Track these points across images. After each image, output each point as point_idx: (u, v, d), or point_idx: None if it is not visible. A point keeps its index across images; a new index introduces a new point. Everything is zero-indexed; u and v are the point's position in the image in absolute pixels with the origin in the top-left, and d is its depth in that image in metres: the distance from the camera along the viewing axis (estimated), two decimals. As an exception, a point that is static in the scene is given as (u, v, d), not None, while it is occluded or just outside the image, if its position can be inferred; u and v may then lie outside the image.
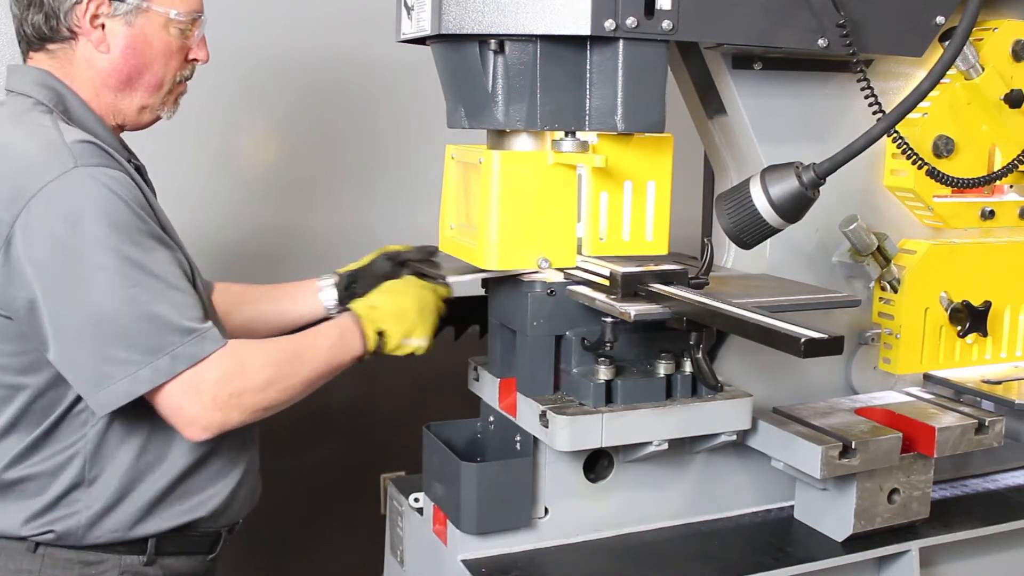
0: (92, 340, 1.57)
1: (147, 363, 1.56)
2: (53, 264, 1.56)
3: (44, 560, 1.69)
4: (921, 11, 1.95)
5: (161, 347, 1.57)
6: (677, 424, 1.84)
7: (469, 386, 2.10)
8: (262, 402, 1.67)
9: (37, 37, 1.73)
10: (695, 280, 1.80)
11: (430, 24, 1.73)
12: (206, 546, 1.84)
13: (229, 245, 2.91)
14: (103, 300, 1.55)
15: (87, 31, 1.70)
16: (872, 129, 1.71)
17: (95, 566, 1.71)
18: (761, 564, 1.87)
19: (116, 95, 1.75)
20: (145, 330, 1.56)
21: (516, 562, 1.86)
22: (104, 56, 1.72)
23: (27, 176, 1.56)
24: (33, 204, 1.55)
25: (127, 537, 1.72)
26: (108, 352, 1.56)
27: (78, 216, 1.55)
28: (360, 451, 3.14)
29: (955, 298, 2.15)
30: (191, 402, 1.60)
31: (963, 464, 2.29)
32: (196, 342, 1.59)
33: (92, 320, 1.56)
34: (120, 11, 1.70)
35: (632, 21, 1.69)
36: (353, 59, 2.99)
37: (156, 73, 1.76)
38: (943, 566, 2.06)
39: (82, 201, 1.55)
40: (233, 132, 2.93)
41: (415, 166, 3.06)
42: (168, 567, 1.78)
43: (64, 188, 1.55)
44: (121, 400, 1.58)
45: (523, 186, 1.78)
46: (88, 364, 1.58)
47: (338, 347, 1.80)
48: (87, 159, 1.59)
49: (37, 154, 1.59)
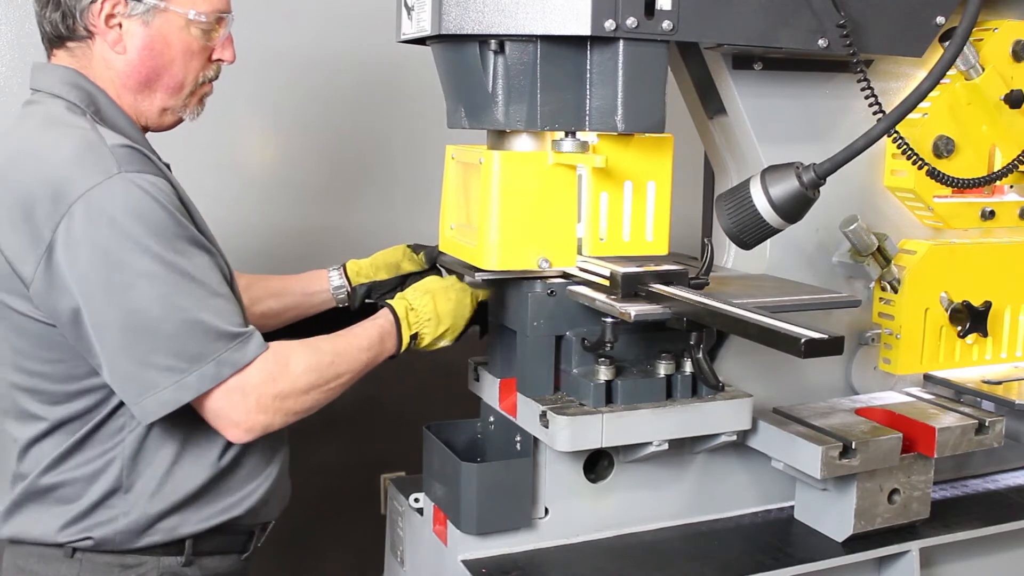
0: (136, 348, 1.55)
1: (193, 370, 1.56)
2: (96, 271, 1.54)
3: (82, 565, 1.68)
4: (921, 11, 1.95)
5: (206, 353, 1.56)
6: (677, 424, 1.84)
7: (469, 386, 2.10)
8: (304, 404, 1.67)
9: (56, 35, 1.71)
10: (695, 280, 1.80)
11: (430, 24, 1.73)
12: (240, 544, 1.83)
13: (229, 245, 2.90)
14: (147, 307, 1.54)
15: (103, 31, 1.68)
16: (872, 129, 1.71)
17: (134, 569, 1.70)
18: (761, 564, 1.87)
19: (136, 96, 1.73)
20: (190, 337, 1.56)
21: (516, 562, 1.86)
22: (121, 57, 1.69)
23: (69, 181, 1.54)
24: (76, 209, 1.53)
25: (166, 539, 1.71)
26: (153, 360, 1.55)
27: (121, 223, 1.53)
28: (360, 451, 3.14)
29: (955, 298, 2.15)
30: (236, 406, 1.60)
31: (963, 464, 2.30)
32: (240, 347, 1.59)
33: (136, 328, 1.55)
34: (137, 11, 1.67)
35: (632, 21, 1.69)
36: (354, 59, 2.98)
37: (176, 74, 1.73)
38: (943, 566, 2.06)
39: (125, 207, 1.54)
40: (232, 132, 2.92)
41: (415, 166, 3.06)
42: (205, 567, 1.77)
43: (107, 194, 1.53)
44: (168, 408, 1.57)
45: (523, 186, 1.78)
46: (133, 372, 1.57)
47: (376, 348, 1.80)
48: (129, 164, 1.57)
49: (79, 158, 1.56)
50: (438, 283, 1.92)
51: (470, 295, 1.92)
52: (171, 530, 1.71)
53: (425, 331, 1.85)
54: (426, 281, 1.93)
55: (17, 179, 1.58)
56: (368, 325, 1.82)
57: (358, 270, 2.14)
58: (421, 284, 1.92)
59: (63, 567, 1.68)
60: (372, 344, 1.79)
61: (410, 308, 1.85)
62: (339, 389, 1.73)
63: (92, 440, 1.67)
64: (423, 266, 2.14)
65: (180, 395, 1.57)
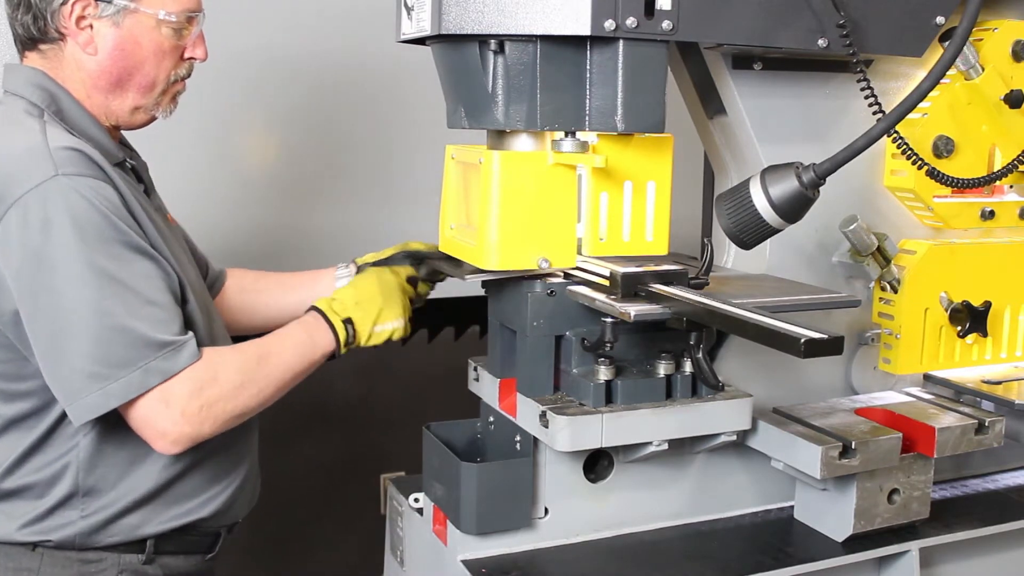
0: (64, 352, 1.56)
1: (119, 377, 1.55)
2: (28, 273, 1.55)
3: (43, 559, 1.70)
4: (921, 11, 1.95)
5: (132, 361, 1.55)
6: (677, 424, 1.84)
7: (469, 386, 2.10)
8: (234, 409, 1.66)
9: (28, 37, 1.72)
10: (695, 280, 1.80)
11: (430, 24, 1.73)
12: (205, 546, 1.84)
13: (228, 245, 2.90)
14: (74, 312, 1.54)
15: (74, 32, 1.69)
16: (872, 129, 1.71)
17: (94, 564, 1.72)
18: (761, 564, 1.87)
19: (107, 96, 1.74)
20: (116, 343, 1.55)
21: (516, 562, 1.86)
22: (92, 58, 1.70)
23: (8, 183, 1.56)
24: (12, 212, 1.54)
25: (127, 539, 1.72)
26: (79, 365, 1.55)
27: (53, 226, 1.54)
28: (360, 451, 3.14)
29: (955, 298, 2.15)
30: (161, 416, 1.59)
31: (963, 464, 2.29)
32: (170, 355, 1.58)
33: (64, 332, 1.55)
34: (107, 12, 1.69)
35: (632, 21, 1.69)
36: (353, 59, 2.99)
37: (147, 74, 1.74)
38: (943, 566, 2.06)
39: (58, 211, 1.54)
40: (232, 132, 2.93)
41: (415, 166, 3.06)
42: (167, 566, 1.78)
43: (42, 196, 1.54)
44: (93, 413, 1.57)
45: (523, 186, 1.78)
46: (62, 375, 1.57)
47: (307, 345, 1.78)
48: (69, 167, 1.57)
49: (19, 161, 1.58)
50: (359, 275, 1.95)
51: (393, 273, 1.92)
52: (132, 529, 1.72)
53: (354, 314, 1.84)
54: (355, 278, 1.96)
55: None
56: (294, 323, 1.83)
57: (364, 259, 2.14)
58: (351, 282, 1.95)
59: (24, 559, 1.70)
60: (301, 340, 1.78)
61: (332, 299, 1.86)
62: (273, 391, 1.72)
63: (47, 444, 1.68)
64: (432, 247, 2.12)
65: (105, 401, 1.56)
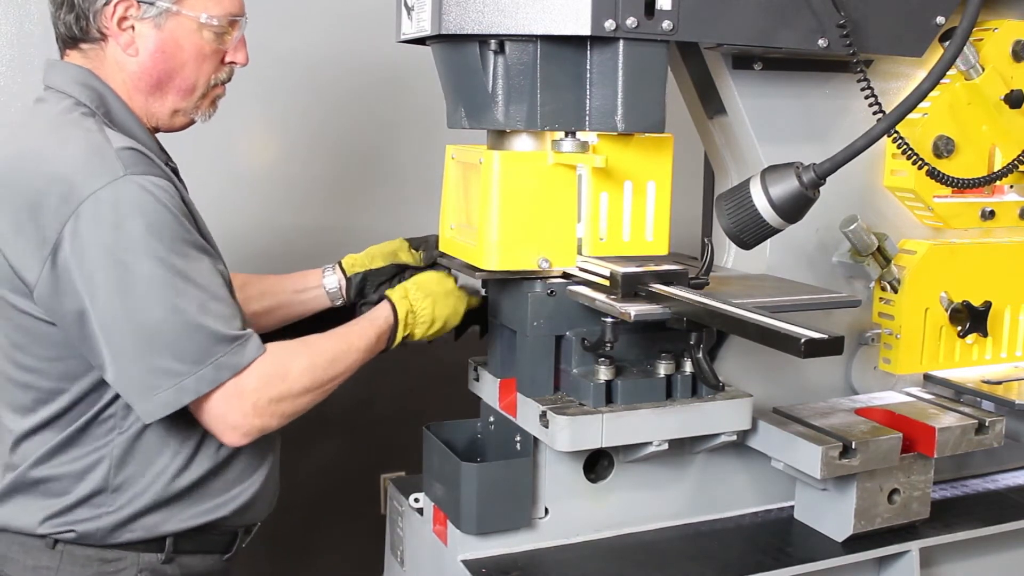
0: (138, 350, 1.57)
1: (192, 373, 1.57)
2: (101, 272, 1.55)
3: (63, 557, 1.70)
4: (921, 11, 1.95)
5: (205, 357, 1.58)
6: (677, 424, 1.84)
7: (469, 386, 2.10)
8: (300, 407, 1.69)
9: (69, 36, 1.72)
10: (695, 280, 1.80)
11: (430, 24, 1.73)
12: (223, 545, 1.84)
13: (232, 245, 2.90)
14: (149, 310, 1.56)
15: (115, 33, 1.69)
16: (872, 129, 1.71)
17: (113, 563, 1.71)
18: (761, 564, 1.87)
19: (147, 98, 1.74)
20: (190, 340, 1.57)
21: (516, 562, 1.86)
22: (133, 59, 1.70)
23: (76, 182, 1.55)
24: (83, 210, 1.54)
25: (147, 536, 1.72)
26: (154, 362, 1.57)
27: (126, 225, 1.55)
28: (360, 451, 3.14)
29: (955, 298, 2.15)
30: (233, 409, 1.61)
31: (963, 464, 2.29)
32: (238, 350, 1.60)
33: (138, 330, 1.56)
34: (149, 14, 1.69)
35: (632, 21, 1.69)
36: (353, 59, 2.98)
37: (188, 77, 1.74)
38: (943, 566, 2.06)
39: (130, 210, 1.55)
40: (232, 132, 2.92)
41: (415, 166, 3.06)
42: (185, 565, 1.77)
43: (113, 196, 1.54)
44: (167, 409, 1.58)
45: (523, 186, 1.78)
46: (135, 373, 1.58)
47: (373, 348, 1.82)
48: (135, 167, 1.58)
49: (86, 160, 1.57)
50: (439, 286, 1.92)
51: (465, 302, 1.94)
52: (153, 527, 1.72)
53: (417, 332, 1.89)
54: (427, 282, 1.93)
55: (23, 179, 1.59)
56: (366, 326, 1.83)
57: (353, 262, 2.14)
58: (423, 284, 1.92)
59: (44, 557, 1.70)
60: (370, 345, 1.81)
61: (411, 310, 1.87)
62: (332, 389, 1.75)
63: (83, 438, 1.68)
64: (419, 262, 2.13)
65: (180, 397, 1.58)
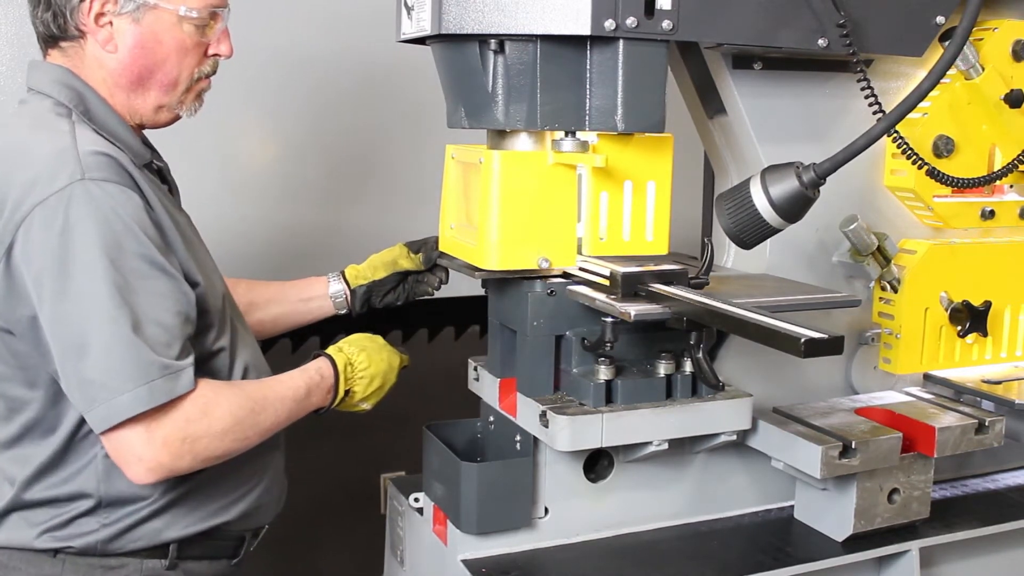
0: (76, 359, 1.53)
1: (127, 391, 1.51)
2: (46, 277, 1.53)
3: (65, 565, 1.68)
4: (921, 11, 1.95)
5: (139, 377, 1.51)
6: (677, 424, 1.84)
7: (469, 386, 2.10)
8: (216, 450, 1.62)
9: (48, 35, 1.71)
10: (695, 280, 1.80)
11: (430, 24, 1.73)
12: (229, 550, 1.82)
13: (228, 245, 2.90)
14: (84, 319, 1.51)
15: (94, 30, 1.67)
16: (872, 129, 1.71)
17: (116, 571, 1.70)
18: (761, 564, 1.87)
19: (129, 95, 1.71)
20: (121, 357, 1.51)
21: (516, 562, 1.86)
22: (112, 55, 1.68)
23: (35, 184, 1.54)
24: (36, 213, 1.52)
25: (150, 544, 1.70)
26: (86, 373, 1.52)
27: (74, 231, 1.52)
28: (360, 451, 3.13)
29: (955, 298, 2.15)
30: (140, 440, 1.53)
31: (963, 464, 2.29)
32: (168, 380, 1.54)
33: (72, 338, 1.52)
34: (126, 9, 1.66)
35: (632, 21, 1.69)
36: (353, 59, 2.98)
37: (169, 72, 1.71)
38: (943, 566, 2.06)
39: (81, 215, 1.52)
40: (232, 132, 2.92)
41: (415, 166, 3.06)
42: (190, 571, 1.75)
43: (66, 200, 1.52)
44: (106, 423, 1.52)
45: (523, 186, 1.78)
46: (74, 383, 1.55)
47: (303, 401, 1.76)
48: (96, 172, 1.55)
49: (47, 162, 1.56)
50: (371, 341, 1.91)
51: (398, 358, 1.92)
52: (155, 534, 1.69)
53: (357, 388, 1.85)
54: (358, 338, 1.92)
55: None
56: (298, 375, 1.78)
57: (356, 273, 2.14)
58: (354, 340, 1.91)
59: (46, 566, 1.68)
60: (298, 396, 1.75)
61: (349, 362, 1.84)
62: (257, 438, 1.69)
63: (68, 455, 1.66)
64: (420, 266, 2.14)
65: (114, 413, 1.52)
